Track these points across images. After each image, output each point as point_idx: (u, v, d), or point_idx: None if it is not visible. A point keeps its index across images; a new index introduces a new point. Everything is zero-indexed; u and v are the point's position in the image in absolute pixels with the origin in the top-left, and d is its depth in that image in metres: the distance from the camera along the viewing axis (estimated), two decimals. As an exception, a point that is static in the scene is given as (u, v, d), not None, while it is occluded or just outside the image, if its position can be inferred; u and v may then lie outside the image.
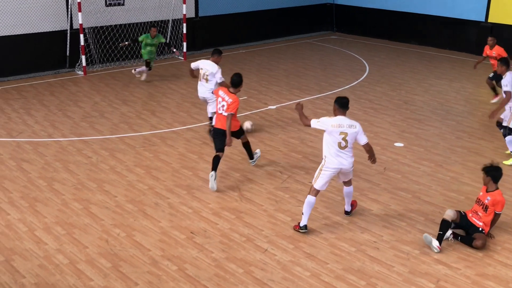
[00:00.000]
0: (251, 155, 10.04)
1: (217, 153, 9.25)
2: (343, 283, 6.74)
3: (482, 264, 7.21)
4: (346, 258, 7.26)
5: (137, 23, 17.54)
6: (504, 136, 10.46)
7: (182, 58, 18.24)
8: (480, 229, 7.59)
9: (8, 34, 15.23)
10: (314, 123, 7.75)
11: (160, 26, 18.07)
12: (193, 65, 11.20)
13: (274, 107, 13.52)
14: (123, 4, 17.27)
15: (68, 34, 16.27)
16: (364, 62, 18.39)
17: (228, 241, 7.57)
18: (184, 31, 18.08)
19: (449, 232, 7.63)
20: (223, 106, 9.31)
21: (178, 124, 12.10)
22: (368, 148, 7.82)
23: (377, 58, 19.06)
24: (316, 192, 7.79)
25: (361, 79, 16.31)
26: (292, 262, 7.14)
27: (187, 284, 6.62)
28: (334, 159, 7.66)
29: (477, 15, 19.64)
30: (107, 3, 16.97)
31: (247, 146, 9.93)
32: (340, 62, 18.45)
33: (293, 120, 12.53)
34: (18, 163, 9.91)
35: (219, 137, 9.34)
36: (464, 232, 7.77)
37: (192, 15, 19.14)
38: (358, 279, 6.82)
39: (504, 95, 10.29)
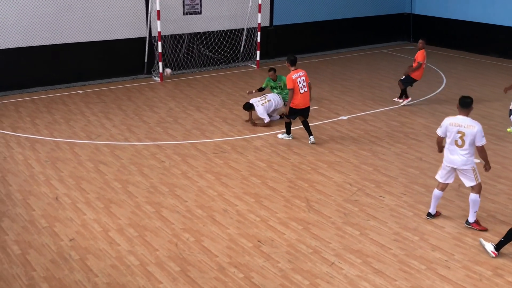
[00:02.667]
0: (310, 131, 11.51)
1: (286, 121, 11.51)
2: (411, 301, 6.59)
3: (562, 291, 6.85)
4: (415, 276, 7.08)
5: (212, 32, 17.90)
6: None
7: (255, 66, 18.41)
8: None
9: (91, 40, 15.92)
10: (439, 131, 8.13)
11: (234, 34, 18.34)
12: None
13: (346, 117, 13.39)
14: (200, 13, 17.66)
15: (147, 41, 16.81)
16: (441, 73, 17.91)
17: (294, 252, 7.56)
18: (258, 40, 18.25)
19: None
20: (303, 81, 11.03)
21: (249, 132, 12.21)
22: (480, 150, 7.87)
23: (454, 70, 18.52)
24: (439, 185, 8.27)
25: (437, 91, 15.89)
26: (359, 277, 7.03)
27: (253, 293, 6.66)
28: (447, 156, 8.03)
29: None
30: (185, 12, 17.40)
31: (306, 124, 11.44)
32: (415, 74, 18.03)
33: (365, 131, 12.37)
34: (96, 165, 10.31)
35: (304, 112, 11.29)
36: None
37: (267, 23, 19.31)
38: (427, 299, 6.64)
39: None
